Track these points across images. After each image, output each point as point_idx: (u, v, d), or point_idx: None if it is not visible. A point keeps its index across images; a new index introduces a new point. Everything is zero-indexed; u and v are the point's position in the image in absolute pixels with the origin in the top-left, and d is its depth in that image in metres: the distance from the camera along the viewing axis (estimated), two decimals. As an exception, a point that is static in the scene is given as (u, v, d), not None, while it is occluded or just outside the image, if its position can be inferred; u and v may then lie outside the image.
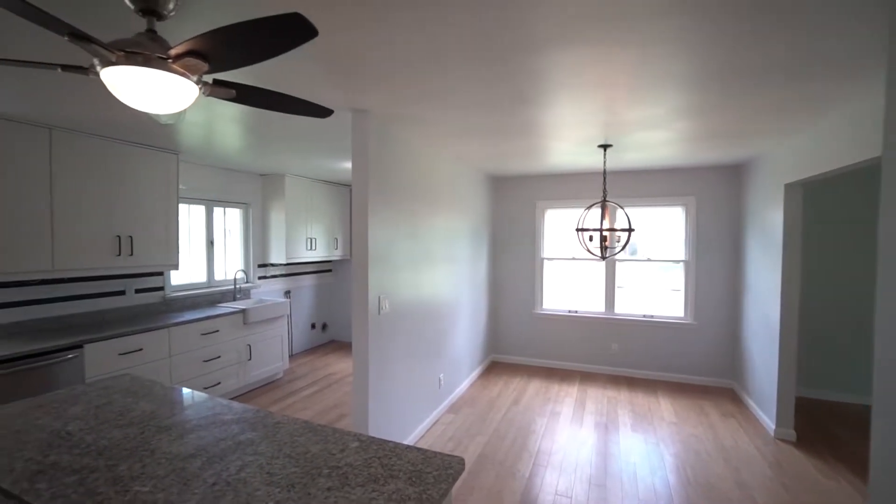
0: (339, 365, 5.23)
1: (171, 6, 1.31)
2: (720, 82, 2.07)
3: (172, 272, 4.15)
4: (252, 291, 5.01)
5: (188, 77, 1.26)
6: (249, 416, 1.59)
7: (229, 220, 4.89)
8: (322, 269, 6.22)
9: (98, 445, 1.38)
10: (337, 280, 6.39)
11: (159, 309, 4.02)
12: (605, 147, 3.42)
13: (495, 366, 5.32)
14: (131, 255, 3.47)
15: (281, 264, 5.27)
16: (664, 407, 4.03)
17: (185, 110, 1.46)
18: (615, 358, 4.98)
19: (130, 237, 3.45)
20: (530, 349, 5.38)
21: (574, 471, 2.93)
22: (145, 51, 1.19)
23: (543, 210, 5.30)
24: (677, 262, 4.81)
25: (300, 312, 5.79)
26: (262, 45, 1.08)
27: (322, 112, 1.70)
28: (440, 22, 1.51)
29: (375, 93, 2.27)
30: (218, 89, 1.40)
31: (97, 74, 1.23)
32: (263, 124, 2.89)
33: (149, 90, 1.24)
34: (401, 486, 1.15)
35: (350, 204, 6.12)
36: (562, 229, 5.30)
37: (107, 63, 1.18)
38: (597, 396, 4.30)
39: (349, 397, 4.21)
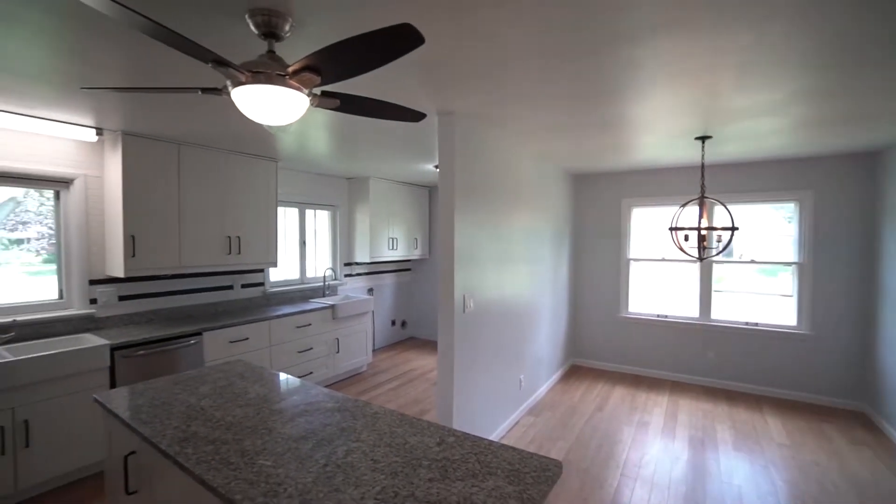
0: (419, 361, 5.39)
1: (287, 28, 1.44)
2: (857, 55, 1.80)
3: (271, 269, 4.57)
4: (339, 288, 5.35)
5: (301, 90, 1.39)
6: (349, 406, 1.70)
7: (319, 222, 5.27)
8: (402, 267, 6.45)
9: (225, 421, 1.57)
10: (416, 279, 6.59)
11: (260, 303, 4.44)
12: (703, 139, 3.15)
13: (576, 370, 5.14)
14: (239, 253, 3.87)
15: (365, 263, 5.56)
16: (773, 426, 3.61)
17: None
18: (711, 368, 4.56)
19: (238, 237, 3.86)
20: (614, 354, 5.12)
21: (667, 487, 2.73)
22: (267, 70, 1.32)
23: (629, 208, 5.01)
24: (788, 264, 4.28)
25: (381, 309, 6.06)
26: (372, 57, 1.15)
27: (415, 116, 1.77)
28: (532, 19, 1.49)
29: (461, 94, 2.30)
30: (325, 100, 1.52)
31: (228, 94, 1.39)
32: (350, 129, 3.05)
33: (269, 104, 1.38)
34: (500, 483, 1.16)
35: (429, 205, 6.30)
36: (650, 228, 4.97)
37: (237, 83, 1.33)
38: (690, 408, 3.97)
39: (429, 393, 4.32)
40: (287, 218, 4.87)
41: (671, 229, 3.40)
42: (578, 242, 5.33)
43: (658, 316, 4.87)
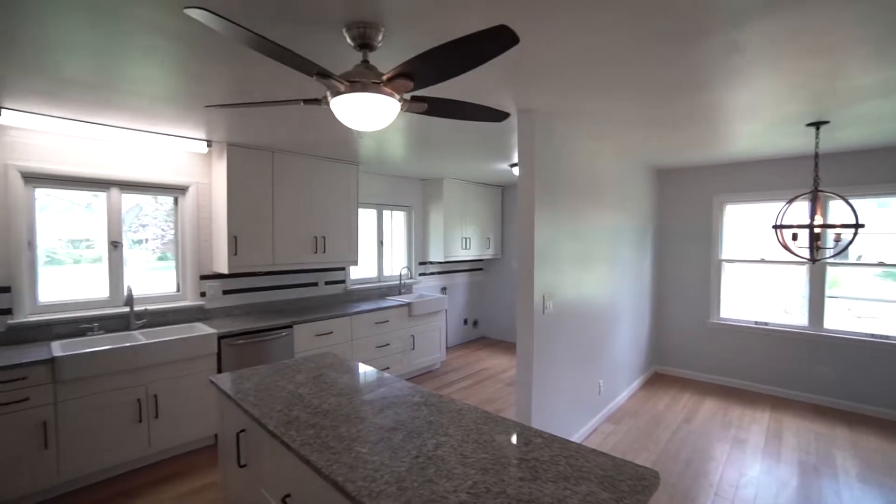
0: (491, 361, 5.38)
1: (379, 38, 1.52)
2: None
3: (352, 267, 4.82)
4: (414, 287, 5.51)
5: (394, 96, 1.45)
6: (434, 401, 1.75)
7: (395, 222, 5.46)
8: (474, 267, 6.49)
9: (322, 408, 1.68)
10: (488, 278, 6.59)
11: (342, 299, 4.70)
12: (817, 125, 2.79)
13: (659, 378, 4.82)
14: (324, 252, 4.14)
15: (438, 262, 5.68)
16: (908, 456, 3.10)
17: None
18: (824, 385, 4.03)
19: (324, 237, 4.12)
20: (702, 363, 4.72)
21: (773, 513, 2.46)
22: (363, 79, 1.40)
23: (722, 205, 4.59)
24: (928, 267, 3.65)
25: (454, 308, 6.13)
26: (467, 59, 1.18)
27: (499, 116, 1.77)
28: (619, 10, 1.42)
29: (541, 91, 2.26)
30: (414, 104, 1.57)
31: (328, 103, 1.49)
32: (426, 131, 3.10)
33: (364, 111, 1.46)
34: (593, 488, 1.12)
35: (501, 204, 6.27)
36: (747, 227, 4.52)
37: (336, 93, 1.43)
38: (798, 429, 3.54)
39: (503, 393, 4.30)
40: (366, 219, 5.11)
41: (775, 227, 3.06)
42: (662, 242, 4.99)
43: (756, 323, 4.41)
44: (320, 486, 1.26)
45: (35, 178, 2.87)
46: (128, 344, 2.76)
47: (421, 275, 5.63)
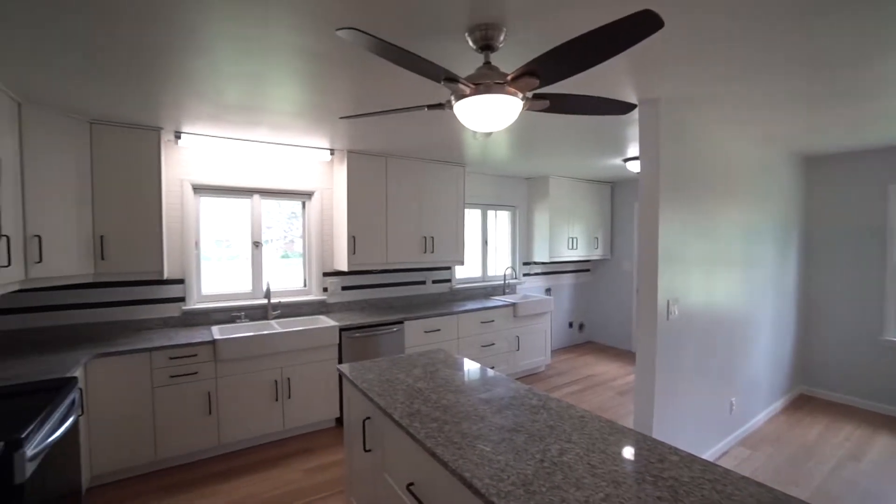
0: (599, 367, 5.09)
1: (501, 38, 1.52)
2: None
3: (457, 267, 4.93)
4: (517, 287, 5.45)
5: (517, 95, 1.44)
6: (553, 405, 1.70)
7: (500, 222, 5.45)
8: (581, 268, 6.20)
9: (441, 403, 1.74)
10: (595, 280, 6.25)
11: (447, 297, 4.83)
12: None
13: (806, 401, 4.11)
14: (433, 252, 4.29)
15: (542, 262, 5.53)
16: None
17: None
18: None
19: (432, 237, 4.27)
20: (870, 388, 3.90)
21: None
22: (487, 80, 1.41)
23: (900, 196, 3.75)
24: None
25: (559, 310, 5.93)
26: (601, 52, 1.11)
27: (624, 108, 1.65)
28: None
29: (668, 77, 2.06)
30: (536, 102, 1.54)
31: (451, 107, 1.53)
32: (529, 128, 3.02)
33: (487, 112, 1.47)
34: (753, 525, 0.99)
35: (611, 202, 5.91)
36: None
37: (460, 96, 1.46)
38: None
39: (615, 402, 4.04)
40: (471, 219, 5.17)
41: None
42: (812, 242, 4.24)
43: (954, 343, 3.52)
44: (446, 479, 1.30)
45: (201, 189, 3.44)
46: (268, 332, 3.16)
47: (525, 275, 5.54)
